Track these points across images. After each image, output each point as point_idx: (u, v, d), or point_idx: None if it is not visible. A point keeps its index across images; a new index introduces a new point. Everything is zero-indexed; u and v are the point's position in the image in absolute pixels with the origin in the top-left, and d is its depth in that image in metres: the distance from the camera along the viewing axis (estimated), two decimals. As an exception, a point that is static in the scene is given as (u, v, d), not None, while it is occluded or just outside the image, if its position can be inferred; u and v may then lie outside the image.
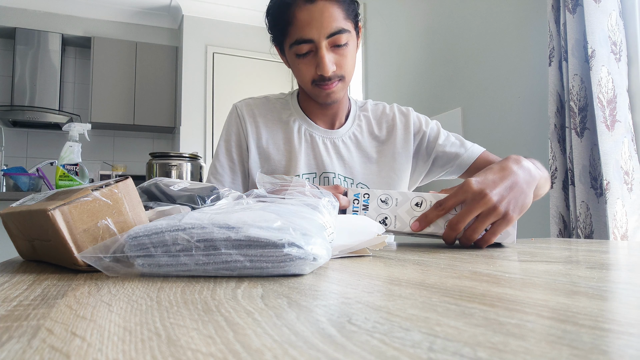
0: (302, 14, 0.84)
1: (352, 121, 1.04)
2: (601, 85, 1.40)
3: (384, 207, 0.69)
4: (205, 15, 4.11)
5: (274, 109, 1.03)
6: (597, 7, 1.43)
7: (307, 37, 0.85)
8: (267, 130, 1.00)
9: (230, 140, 1.01)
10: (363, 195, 0.70)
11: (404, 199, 0.69)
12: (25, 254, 0.51)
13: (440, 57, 2.38)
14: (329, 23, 0.84)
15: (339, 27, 0.85)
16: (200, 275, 0.37)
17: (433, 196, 0.68)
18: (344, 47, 0.88)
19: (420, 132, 1.04)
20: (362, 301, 0.26)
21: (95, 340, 0.19)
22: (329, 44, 0.86)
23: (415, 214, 0.68)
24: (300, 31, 0.85)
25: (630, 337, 0.18)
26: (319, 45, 0.85)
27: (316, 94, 0.93)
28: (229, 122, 1.03)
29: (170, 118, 4.17)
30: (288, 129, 1.00)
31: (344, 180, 0.98)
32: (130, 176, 0.45)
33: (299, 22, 0.85)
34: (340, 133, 1.01)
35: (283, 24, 0.87)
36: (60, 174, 0.94)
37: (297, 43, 0.86)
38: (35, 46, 3.86)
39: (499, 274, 0.37)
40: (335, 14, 0.85)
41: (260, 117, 1.01)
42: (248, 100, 1.04)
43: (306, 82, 0.91)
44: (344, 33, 0.86)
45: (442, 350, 0.17)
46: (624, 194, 1.37)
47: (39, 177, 2.65)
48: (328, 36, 0.85)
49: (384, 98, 2.88)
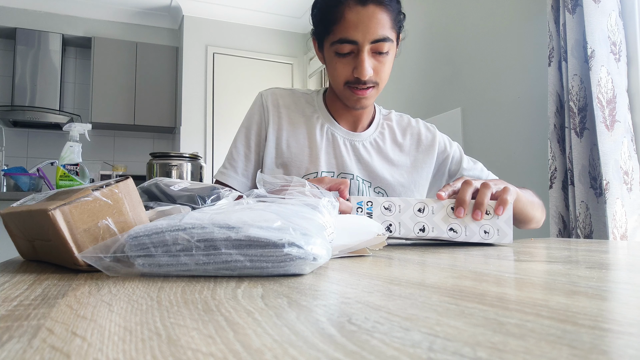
0: (351, 15, 0.84)
1: (375, 128, 1.04)
2: (601, 85, 1.40)
3: (388, 214, 0.70)
4: (205, 16, 4.11)
5: (298, 102, 1.03)
6: (597, 7, 1.43)
7: (352, 38, 0.85)
8: (289, 122, 1.00)
9: (251, 127, 1.00)
10: (366, 203, 0.71)
11: (406, 205, 0.70)
12: (25, 254, 0.51)
13: (440, 57, 2.38)
14: (376, 29, 0.84)
15: (384, 35, 0.85)
16: (200, 275, 0.37)
17: (434, 201, 0.70)
18: (385, 55, 0.88)
19: (445, 153, 1.06)
20: (362, 301, 0.26)
21: (95, 340, 0.19)
22: (371, 49, 0.86)
23: (418, 220, 0.70)
24: (346, 31, 0.85)
25: (630, 337, 0.18)
26: (361, 48, 0.85)
27: (347, 97, 0.93)
28: (252, 109, 1.03)
29: (170, 118, 4.17)
30: (310, 124, 1.00)
31: (362, 183, 0.98)
32: (130, 176, 0.45)
33: (347, 22, 0.84)
34: (362, 137, 1.01)
35: (330, 20, 0.87)
36: (60, 174, 0.94)
37: (340, 42, 0.86)
38: (35, 46, 3.86)
39: (499, 274, 0.37)
40: (383, 21, 0.85)
41: (284, 108, 1.01)
42: (274, 90, 1.04)
43: (339, 83, 0.91)
44: (388, 42, 0.86)
45: (442, 350, 0.17)
46: (624, 194, 1.37)
47: (39, 177, 2.65)
48: (373, 41, 0.85)
49: (384, 98, 2.88)
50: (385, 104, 2.78)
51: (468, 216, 0.70)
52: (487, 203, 0.70)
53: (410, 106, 2.59)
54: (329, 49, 0.90)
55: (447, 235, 0.69)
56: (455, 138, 2.21)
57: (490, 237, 0.69)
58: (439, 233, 0.69)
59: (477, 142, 2.10)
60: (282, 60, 4.27)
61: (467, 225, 0.69)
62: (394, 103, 2.74)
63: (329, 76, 0.95)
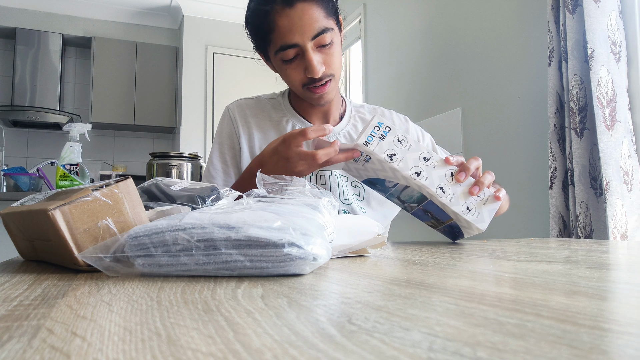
0: (283, 20, 0.83)
1: (348, 120, 1.04)
2: (601, 85, 1.39)
3: (398, 145, 0.71)
4: (205, 16, 4.11)
5: (264, 108, 1.03)
6: (597, 7, 1.43)
7: (292, 43, 0.84)
8: (259, 130, 1.00)
9: (223, 142, 1.01)
10: (385, 127, 0.71)
11: (416, 147, 0.71)
12: (25, 254, 0.51)
13: (440, 57, 2.38)
14: (310, 25, 0.83)
15: (322, 27, 0.84)
16: (200, 275, 0.37)
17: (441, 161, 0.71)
18: (330, 46, 0.87)
19: None
20: (362, 301, 0.26)
21: (95, 340, 0.19)
22: (314, 45, 0.85)
23: (419, 164, 0.70)
24: (283, 37, 0.84)
25: (630, 337, 0.18)
26: (304, 48, 0.84)
27: (309, 97, 0.92)
28: (221, 125, 1.03)
29: (170, 118, 4.17)
30: (280, 128, 1.00)
31: (340, 178, 0.98)
32: (130, 176, 0.45)
33: (281, 28, 0.84)
34: (335, 131, 1.01)
35: (264, 32, 0.87)
36: (60, 174, 0.94)
37: (282, 49, 0.85)
38: (35, 46, 3.86)
39: (499, 274, 0.37)
40: (315, 15, 0.84)
41: (252, 117, 1.01)
42: (240, 101, 1.04)
43: (297, 87, 0.91)
44: (328, 32, 0.85)
45: (442, 350, 0.17)
46: (624, 194, 1.37)
47: (39, 177, 2.65)
48: (312, 38, 0.84)
49: (384, 98, 2.88)
50: (385, 104, 2.79)
51: (460, 186, 0.70)
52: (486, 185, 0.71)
53: (410, 106, 2.59)
54: (275, 58, 0.89)
55: (434, 191, 0.70)
56: (455, 138, 2.21)
57: (469, 215, 0.70)
58: (429, 184, 0.70)
59: (477, 142, 2.10)
60: (282, 60, 4.26)
61: (456, 192, 0.70)
62: (394, 103, 2.74)
63: (286, 83, 0.95)
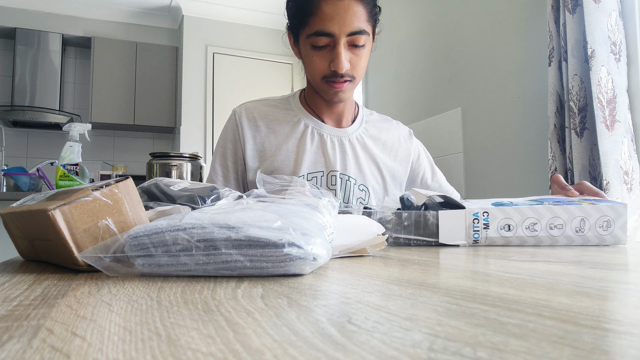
0: (328, 7, 0.84)
1: (360, 124, 1.04)
2: (601, 85, 1.39)
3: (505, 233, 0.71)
4: (205, 16, 4.11)
5: (275, 110, 1.02)
6: (597, 7, 1.42)
7: (328, 31, 0.85)
8: (269, 131, 0.99)
9: (226, 147, 1.00)
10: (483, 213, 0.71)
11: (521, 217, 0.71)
12: (25, 254, 0.51)
13: (440, 57, 2.38)
14: (352, 21, 0.84)
15: (360, 28, 0.85)
16: (200, 275, 0.37)
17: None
18: (361, 48, 0.87)
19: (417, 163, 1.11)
20: (362, 301, 0.26)
21: (95, 340, 0.19)
22: (347, 42, 0.86)
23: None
24: (322, 23, 0.85)
25: (632, 337, 0.18)
26: (338, 40, 0.85)
27: (324, 90, 0.92)
28: (226, 129, 1.02)
29: (170, 118, 4.17)
30: (293, 129, 0.99)
31: (348, 180, 0.97)
32: (130, 176, 0.44)
33: (323, 14, 0.84)
34: (348, 132, 1.01)
35: (305, 13, 0.87)
36: (60, 174, 0.94)
37: (317, 35, 0.86)
38: (35, 46, 3.86)
39: (500, 274, 0.37)
40: (359, 14, 0.85)
41: (261, 119, 1.00)
42: (247, 104, 1.03)
43: (316, 76, 0.91)
44: (364, 35, 0.86)
45: (442, 350, 0.17)
46: (624, 194, 1.37)
47: (39, 177, 2.65)
48: (349, 34, 0.85)
49: (384, 98, 2.88)
50: (385, 103, 2.79)
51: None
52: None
53: (410, 106, 2.59)
54: (305, 41, 0.89)
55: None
56: (455, 138, 2.21)
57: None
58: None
59: (477, 142, 2.10)
60: (282, 60, 4.26)
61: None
62: (394, 103, 2.74)
63: (306, 70, 0.94)
